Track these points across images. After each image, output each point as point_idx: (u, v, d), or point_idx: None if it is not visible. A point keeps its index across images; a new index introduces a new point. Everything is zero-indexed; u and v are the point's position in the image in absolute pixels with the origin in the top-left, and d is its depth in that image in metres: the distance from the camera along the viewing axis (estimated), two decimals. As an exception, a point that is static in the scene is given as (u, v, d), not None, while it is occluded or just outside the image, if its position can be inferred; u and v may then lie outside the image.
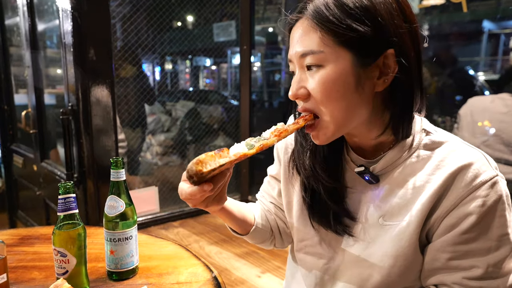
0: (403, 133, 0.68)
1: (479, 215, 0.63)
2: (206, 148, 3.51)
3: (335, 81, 0.63)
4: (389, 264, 0.70)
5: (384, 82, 0.65)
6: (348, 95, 0.64)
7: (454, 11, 2.60)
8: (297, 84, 0.67)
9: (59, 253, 0.81)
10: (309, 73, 0.66)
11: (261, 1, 3.92)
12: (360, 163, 0.74)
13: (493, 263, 0.64)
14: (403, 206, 0.69)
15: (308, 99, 0.67)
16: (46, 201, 2.51)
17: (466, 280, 0.65)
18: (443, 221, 0.66)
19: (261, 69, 4.41)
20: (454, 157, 0.66)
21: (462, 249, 0.65)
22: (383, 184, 0.72)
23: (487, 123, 2.07)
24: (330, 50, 0.63)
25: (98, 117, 1.96)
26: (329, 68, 0.63)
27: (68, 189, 0.81)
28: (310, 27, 0.64)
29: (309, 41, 0.64)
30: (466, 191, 0.63)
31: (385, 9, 0.62)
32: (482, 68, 2.99)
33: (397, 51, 0.63)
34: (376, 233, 0.72)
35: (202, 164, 0.61)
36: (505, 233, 0.64)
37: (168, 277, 0.93)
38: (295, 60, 0.68)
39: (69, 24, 1.84)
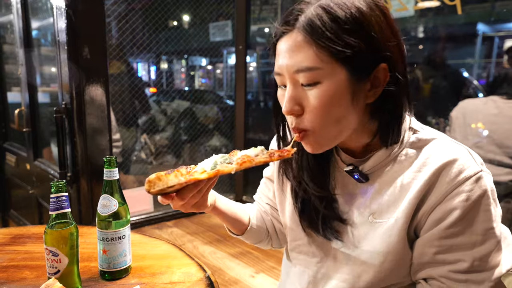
0: (391, 140, 0.69)
1: (464, 210, 0.64)
2: (201, 147, 3.50)
3: (333, 97, 0.63)
4: (379, 261, 0.71)
5: (374, 94, 0.66)
6: (344, 110, 0.64)
7: (449, 13, 2.61)
8: (292, 101, 0.65)
9: (51, 253, 0.81)
10: (303, 89, 0.65)
11: (257, 1, 3.92)
12: (349, 162, 0.75)
13: (478, 257, 0.64)
14: (391, 204, 0.70)
15: (301, 115, 0.66)
16: (39, 200, 2.49)
17: (452, 273, 0.66)
18: (429, 216, 0.67)
19: (256, 69, 4.41)
20: (439, 154, 0.67)
21: (448, 243, 0.66)
22: (373, 183, 0.73)
23: (480, 125, 2.09)
24: (326, 66, 0.62)
25: (92, 116, 1.94)
26: (326, 84, 0.63)
27: (61, 188, 0.80)
28: (304, 42, 0.62)
29: (304, 57, 0.62)
30: (451, 187, 0.64)
31: (375, 22, 0.62)
32: (476, 70, 3.01)
33: (389, 65, 0.64)
34: (366, 231, 0.73)
35: (150, 184, 0.63)
36: (490, 227, 0.65)
37: (161, 276, 0.93)
38: (287, 75, 0.65)
39: (63, 22, 1.83)
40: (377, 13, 0.63)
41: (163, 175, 0.64)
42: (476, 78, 2.96)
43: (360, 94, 0.65)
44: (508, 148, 1.98)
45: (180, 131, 3.57)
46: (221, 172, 0.65)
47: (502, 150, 1.99)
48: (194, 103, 3.58)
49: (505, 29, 2.84)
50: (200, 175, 0.64)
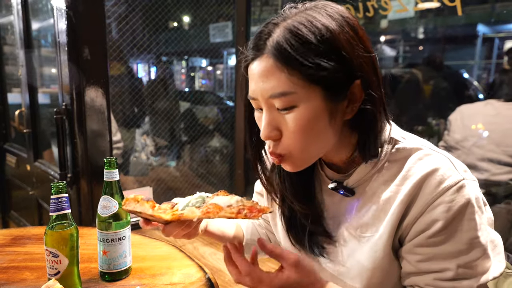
0: (370, 154, 0.68)
1: (445, 221, 0.63)
2: (201, 148, 3.50)
3: (310, 120, 0.62)
4: (367, 277, 0.71)
5: (352, 110, 0.65)
6: (322, 130, 0.64)
7: (449, 14, 2.61)
8: (270, 126, 0.64)
9: (51, 254, 0.81)
10: (280, 114, 0.64)
11: (257, 2, 3.92)
12: (333, 178, 0.75)
13: (463, 264, 0.64)
14: (376, 218, 0.70)
15: (279, 140, 0.66)
16: (39, 201, 2.48)
17: (438, 281, 0.65)
18: (412, 228, 0.67)
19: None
20: (420, 165, 0.66)
21: (431, 252, 0.65)
22: (358, 197, 0.72)
23: (480, 125, 2.10)
24: (300, 89, 0.60)
25: (93, 117, 1.94)
26: (303, 108, 0.62)
27: (61, 189, 0.80)
28: (275, 67, 0.61)
29: (277, 82, 0.61)
30: (431, 198, 0.63)
31: (345, 39, 0.61)
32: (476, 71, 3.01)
33: (362, 80, 0.63)
34: (354, 246, 0.73)
35: (126, 201, 0.71)
36: (475, 236, 0.64)
37: (162, 278, 0.93)
38: (262, 99, 0.64)
39: (64, 23, 1.83)
40: (347, 30, 0.62)
41: (140, 200, 0.71)
42: (476, 79, 2.96)
43: (337, 113, 0.64)
44: (507, 147, 1.99)
45: (180, 132, 3.57)
46: (183, 217, 0.68)
47: (501, 149, 2.00)
48: (194, 104, 3.58)
49: (505, 30, 2.84)
50: (164, 215, 0.69)
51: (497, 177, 1.97)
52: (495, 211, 2.06)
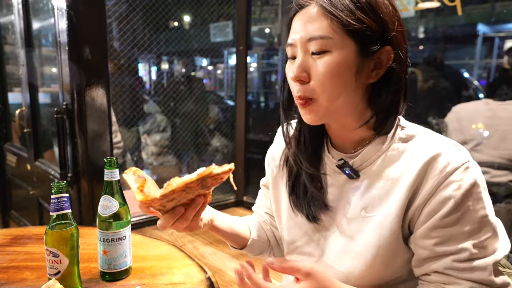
0: (385, 128, 0.72)
1: (457, 199, 0.65)
2: (201, 148, 3.50)
3: (339, 66, 0.67)
4: (371, 254, 0.72)
5: (376, 75, 0.70)
6: (348, 81, 0.68)
7: (449, 14, 2.61)
8: (300, 67, 0.69)
9: (51, 253, 0.81)
10: (313, 58, 0.69)
11: (258, 2, 3.92)
12: (339, 158, 0.78)
13: (477, 244, 0.66)
14: (382, 197, 0.72)
15: (307, 83, 0.70)
16: (39, 201, 2.49)
17: (456, 263, 0.67)
18: (423, 210, 0.68)
19: (257, 70, 4.41)
20: (426, 147, 0.69)
21: (446, 234, 0.67)
22: (363, 178, 0.75)
23: (476, 126, 2.09)
24: (338, 37, 0.66)
25: (93, 117, 1.95)
26: (336, 54, 0.67)
27: (61, 189, 0.80)
28: (320, 14, 0.67)
29: (319, 26, 0.67)
30: (441, 178, 0.66)
31: (385, 8, 0.68)
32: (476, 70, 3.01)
33: (393, 47, 0.69)
34: (359, 225, 0.75)
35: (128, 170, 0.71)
36: (485, 214, 0.66)
37: (162, 277, 0.93)
38: (300, 44, 0.70)
39: (65, 22, 1.83)
40: (387, 3, 0.68)
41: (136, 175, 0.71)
42: (476, 79, 2.96)
43: (363, 70, 0.69)
44: (505, 150, 1.98)
45: (180, 131, 3.57)
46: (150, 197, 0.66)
47: (498, 152, 1.99)
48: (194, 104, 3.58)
49: (505, 30, 2.84)
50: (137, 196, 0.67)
51: (496, 179, 1.97)
52: (495, 210, 2.06)
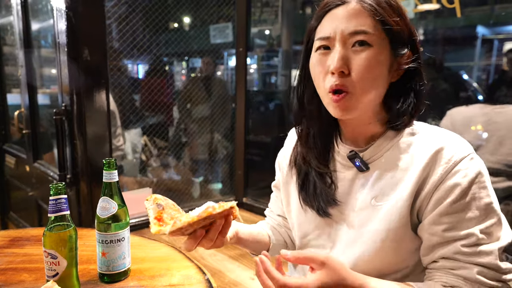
0: (398, 125, 0.76)
1: (464, 186, 0.69)
2: (201, 148, 3.49)
3: (378, 61, 0.72)
4: (380, 239, 0.75)
5: (397, 74, 0.76)
6: (382, 76, 0.74)
7: (449, 16, 2.62)
8: (342, 60, 0.72)
9: (50, 255, 0.80)
10: (353, 51, 0.72)
11: (258, 4, 3.93)
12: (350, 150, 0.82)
13: (484, 230, 0.70)
14: (392, 186, 0.75)
15: (346, 76, 0.73)
16: (38, 202, 2.48)
17: (464, 248, 0.69)
18: (431, 198, 0.72)
19: (257, 71, 4.41)
20: (434, 139, 0.74)
21: (454, 219, 0.70)
22: (373, 171, 0.78)
23: (474, 128, 2.09)
24: (378, 34, 0.72)
25: (92, 118, 1.94)
26: (375, 49, 0.72)
27: (60, 190, 0.80)
28: (364, 10, 0.72)
29: (363, 21, 0.71)
30: (449, 166, 0.70)
31: (406, 14, 0.76)
32: (475, 72, 3.01)
33: (413, 52, 0.76)
34: (368, 215, 0.77)
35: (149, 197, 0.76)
36: (490, 202, 0.70)
37: (161, 279, 0.93)
38: (339, 37, 0.73)
39: (64, 23, 1.83)
40: (406, 11, 0.77)
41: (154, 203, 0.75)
42: (475, 81, 2.96)
43: (392, 67, 0.75)
44: (502, 155, 1.97)
45: (180, 133, 3.57)
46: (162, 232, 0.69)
47: (495, 158, 1.99)
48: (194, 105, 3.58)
49: (504, 32, 2.84)
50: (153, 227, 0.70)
51: (494, 185, 1.96)
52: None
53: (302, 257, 0.67)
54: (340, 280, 0.65)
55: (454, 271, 0.70)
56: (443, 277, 0.71)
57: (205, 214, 0.67)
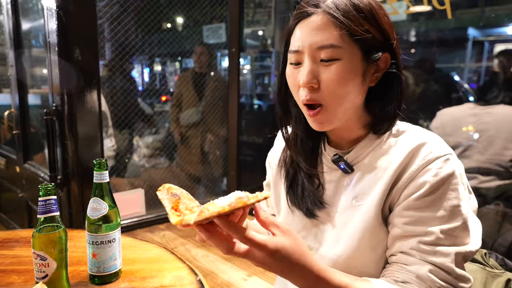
0: (382, 128, 0.77)
1: (432, 184, 0.69)
2: (193, 150, 3.48)
3: (349, 72, 0.71)
4: (358, 237, 0.75)
5: (375, 79, 0.75)
6: (355, 86, 0.72)
7: (440, 18, 2.64)
8: (311, 74, 0.72)
9: (39, 257, 0.79)
10: (322, 65, 0.71)
11: (251, 4, 3.93)
12: (334, 153, 0.82)
13: (445, 230, 0.69)
14: (372, 185, 0.76)
15: (316, 90, 0.72)
16: (28, 203, 2.45)
17: (421, 244, 0.70)
18: (402, 192, 0.73)
19: (250, 72, 4.42)
20: (413, 138, 0.75)
21: (416, 215, 0.71)
22: (357, 172, 0.79)
23: (465, 129, 2.11)
24: (347, 46, 0.70)
25: (84, 118, 1.93)
26: (345, 61, 0.70)
27: (49, 191, 0.79)
28: (330, 23, 0.70)
29: (329, 35, 0.70)
30: (422, 164, 0.71)
31: (383, 18, 0.73)
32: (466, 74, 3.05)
33: (391, 54, 0.74)
34: (350, 215, 0.78)
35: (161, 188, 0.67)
36: (457, 205, 0.70)
37: (152, 280, 0.92)
38: (308, 52, 0.72)
39: (54, 23, 1.81)
40: (383, 12, 0.74)
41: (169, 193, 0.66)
42: (467, 82, 3.00)
43: (367, 75, 0.74)
44: (492, 155, 1.99)
45: (173, 134, 3.56)
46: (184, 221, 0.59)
47: (486, 157, 2.01)
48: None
49: (495, 34, 2.88)
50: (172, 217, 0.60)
51: (485, 184, 1.98)
52: (484, 212, 2.08)
53: (268, 221, 0.63)
54: (300, 255, 0.61)
55: (407, 266, 0.70)
56: (395, 272, 0.71)
57: (239, 204, 0.58)
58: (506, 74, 2.31)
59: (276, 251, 0.59)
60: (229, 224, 0.58)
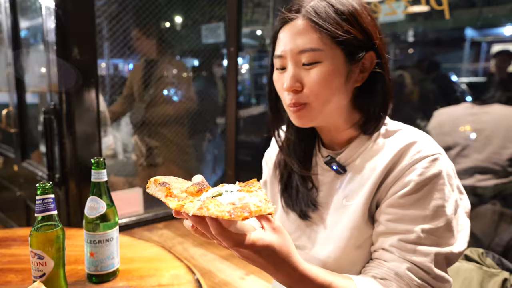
0: (372, 127, 0.77)
1: (417, 183, 0.70)
2: (191, 149, 3.48)
3: (331, 74, 0.72)
4: (346, 236, 0.76)
5: (362, 79, 0.76)
6: (338, 87, 0.74)
7: (438, 18, 2.65)
8: (294, 78, 0.73)
9: (36, 255, 0.80)
10: (304, 69, 0.73)
11: (249, 4, 3.93)
12: (327, 155, 0.83)
13: (426, 230, 0.69)
14: (361, 185, 0.76)
15: (300, 92, 0.74)
16: (26, 202, 2.45)
17: (402, 242, 0.70)
18: (389, 190, 0.74)
19: (249, 71, 4.41)
20: (402, 137, 0.76)
21: (399, 213, 0.71)
22: (349, 172, 0.80)
23: (462, 129, 2.12)
24: (328, 48, 0.71)
25: (82, 117, 1.92)
26: (326, 64, 0.72)
27: (47, 190, 0.79)
28: (310, 27, 0.72)
29: (309, 39, 0.71)
30: (409, 163, 0.71)
31: (365, 18, 0.74)
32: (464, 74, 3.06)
33: (376, 52, 0.75)
34: (339, 214, 0.79)
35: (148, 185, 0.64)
36: (442, 205, 0.70)
37: (150, 279, 0.92)
38: (290, 56, 0.74)
39: (53, 22, 1.81)
40: (365, 12, 0.75)
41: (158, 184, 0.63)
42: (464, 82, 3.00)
43: (351, 75, 0.74)
44: (490, 154, 2.01)
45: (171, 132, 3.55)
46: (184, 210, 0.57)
47: (483, 156, 2.02)
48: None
49: (492, 35, 2.89)
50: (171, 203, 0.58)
51: (483, 183, 2.00)
52: (480, 211, 2.09)
53: None
54: (286, 254, 0.59)
55: (386, 263, 0.71)
56: (374, 268, 0.72)
57: (240, 217, 0.53)
58: (502, 75, 2.32)
59: (263, 248, 0.57)
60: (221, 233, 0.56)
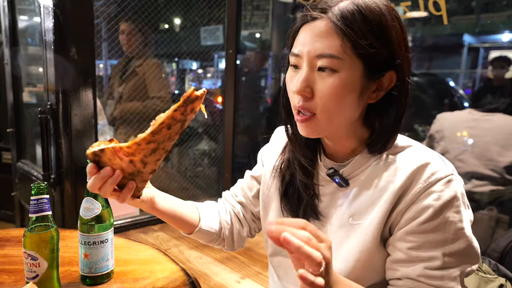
0: (378, 146, 0.73)
1: (435, 208, 0.67)
2: (189, 151, 3.48)
3: (345, 88, 0.67)
4: (354, 259, 0.73)
5: (376, 97, 0.71)
6: (350, 102, 0.69)
7: (436, 24, 2.66)
8: (305, 82, 0.69)
9: (30, 256, 0.79)
10: (319, 74, 0.68)
11: (248, 7, 3.94)
12: (330, 166, 0.79)
13: (448, 253, 0.68)
14: (369, 205, 0.73)
15: (310, 99, 0.69)
16: (21, 203, 2.43)
17: (428, 270, 0.68)
18: (403, 216, 0.70)
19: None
20: (414, 158, 0.72)
21: (421, 240, 0.69)
22: (352, 187, 0.76)
23: (460, 134, 2.13)
24: (348, 58, 0.66)
25: (78, 117, 1.91)
26: (343, 75, 0.67)
27: (41, 190, 0.78)
28: (333, 31, 0.66)
29: (330, 45, 0.66)
30: (424, 187, 0.68)
31: (395, 32, 0.68)
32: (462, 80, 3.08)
33: (397, 73, 0.70)
34: (346, 233, 0.76)
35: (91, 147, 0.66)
36: (461, 227, 0.68)
37: (144, 281, 0.91)
38: (306, 57, 0.69)
39: (51, 21, 1.80)
40: (397, 27, 0.69)
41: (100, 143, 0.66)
42: (462, 88, 3.02)
43: (366, 92, 0.70)
44: (488, 160, 2.02)
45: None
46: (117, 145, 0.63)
47: (481, 162, 2.03)
48: (183, 107, 3.55)
49: (489, 41, 2.91)
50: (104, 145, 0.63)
51: (479, 188, 2.01)
52: (477, 217, 2.10)
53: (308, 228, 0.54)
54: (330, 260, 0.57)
55: None
56: None
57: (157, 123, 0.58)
58: (499, 81, 2.34)
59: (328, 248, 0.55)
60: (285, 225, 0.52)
